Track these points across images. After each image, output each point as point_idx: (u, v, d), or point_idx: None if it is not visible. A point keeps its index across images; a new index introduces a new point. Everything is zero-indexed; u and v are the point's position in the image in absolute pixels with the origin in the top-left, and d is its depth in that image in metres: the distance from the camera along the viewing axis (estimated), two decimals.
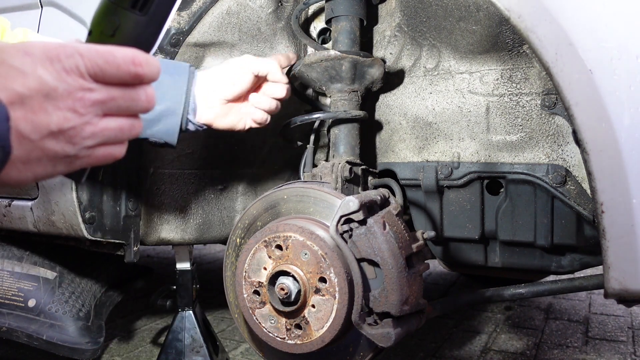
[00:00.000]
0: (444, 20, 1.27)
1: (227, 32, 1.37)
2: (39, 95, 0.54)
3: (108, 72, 0.58)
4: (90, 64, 0.57)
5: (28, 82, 0.53)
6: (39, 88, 0.54)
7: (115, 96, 0.60)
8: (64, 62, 0.55)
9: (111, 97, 0.59)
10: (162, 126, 1.12)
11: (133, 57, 0.60)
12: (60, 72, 0.55)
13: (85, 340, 1.64)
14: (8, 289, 1.66)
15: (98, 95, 0.58)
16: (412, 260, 1.06)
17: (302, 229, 1.00)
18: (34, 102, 0.54)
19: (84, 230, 1.34)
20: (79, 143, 0.58)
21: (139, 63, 0.60)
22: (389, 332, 0.98)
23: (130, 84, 0.61)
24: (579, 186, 1.20)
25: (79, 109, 0.57)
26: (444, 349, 1.97)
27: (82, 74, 0.57)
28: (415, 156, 1.40)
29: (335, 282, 0.97)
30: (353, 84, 1.29)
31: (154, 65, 0.62)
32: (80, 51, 0.57)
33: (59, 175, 0.61)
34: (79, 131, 0.57)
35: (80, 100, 0.57)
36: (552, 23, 0.97)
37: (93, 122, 0.59)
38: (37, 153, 0.55)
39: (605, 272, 0.99)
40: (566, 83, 0.97)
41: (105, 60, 0.58)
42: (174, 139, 1.14)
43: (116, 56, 0.59)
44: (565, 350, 1.94)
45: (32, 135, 0.54)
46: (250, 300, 1.06)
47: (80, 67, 0.56)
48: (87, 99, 0.57)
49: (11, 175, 0.54)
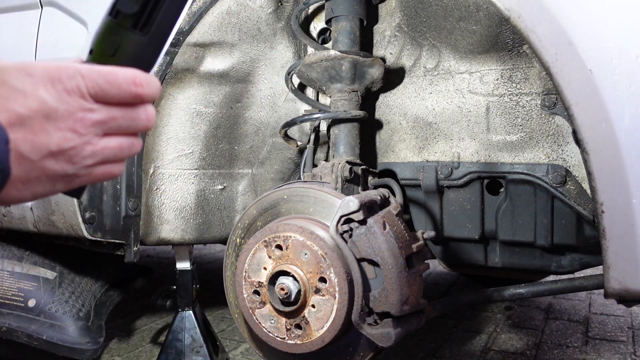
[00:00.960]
0: (444, 20, 1.27)
1: (227, 32, 1.37)
2: (39, 116, 0.54)
3: (109, 93, 0.59)
4: (91, 84, 0.58)
5: (29, 103, 0.54)
6: (39, 109, 0.54)
7: (115, 116, 0.60)
8: (65, 83, 0.56)
9: (112, 117, 0.60)
10: None
11: (134, 78, 0.61)
12: (61, 93, 0.56)
13: (85, 340, 1.64)
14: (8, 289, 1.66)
15: (99, 116, 0.59)
16: (412, 260, 1.06)
17: (302, 229, 1.00)
18: (35, 122, 0.54)
19: (84, 230, 1.34)
20: (78, 162, 0.59)
21: (140, 83, 0.61)
22: (389, 332, 0.98)
23: (130, 103, 0.62)
24: (579, 186, 1.20)
25: (79, 129, 0.57)
26: (444, 349, 1.97)
27: (83, 94, 0.57)
28: (415, 156, 1.40)
29: (335, 282, 0.97)
30: (353, 84, 1.29)
31: (154, 86, 0.63)
32: (81, 72, 0.57)
33: (57, 193, 0.61)
34: (79, 151, 0.58)
35: (80, 120, 0.57)
36: (552, 23, 0.97)
37: (93, 141, 0.59)
38: (37, 173, 0.56)
39: (605, 272, 0.99)
40: (566, 83, 0.97)
41: (106, 80, 0.59)
42: None
43: (117, 76, 0.59)
44: (565, 350, 1.93)
45: (31, 156, 0.55)
46: (250, 300, 1.06)
47: (82, 88, 0.57)
48: (87, 119, 0.58)
49: (10, 194, 0.55)
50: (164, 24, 0.65)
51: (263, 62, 1.46)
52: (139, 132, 0.65)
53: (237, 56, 1.41)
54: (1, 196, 0.55)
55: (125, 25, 0.64)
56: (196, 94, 1.41)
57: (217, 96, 1.44)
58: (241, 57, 1.42)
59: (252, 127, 1.54)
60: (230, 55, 1.41)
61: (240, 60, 1.42)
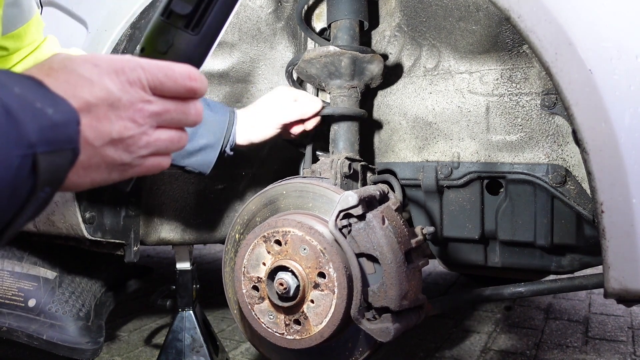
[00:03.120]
0: (443, 20, 1.27)
1: (227, 31, 1.37)
2: (104, 104, 0.57)
3: (166, 86, 0.62)
4: (151, 77, 0.61)
5: (95, 92, 0.56)
6: (105, 97, 0.57)
7: (169, 109, 0.63)
8: (128, 74, 0.59)
9: (166, 109, 0.63)
10: (199, 158, 1.23)
11: (189, 73, 0.64)
12: (124, 83, 0.58)
13: (85, 340, 1.64)
14: (8, 289, 1.66)
15: (155, 107, 0.62)
16: (411, 255, 1.06)
17: (301, 224, 1.00)
18: (100, 110, 0.57)
19: (84, 230, 1.34)
20: (134, 152, 0.61)
21: (195, 78, 0.64)
22: (388, 327, 0.98)
23: (183, 97, 0.65)
24: (578, 186, 1.20)
25: (138, 119, 0.60)
26: (444, 349, 1.97)
27: (143, 86, 0.60)
28: (415, 156, 1.40)
29: (334, 277, 0.97)
30: (352, 80, 1.29)
31: (205, 82, 0.66)
32: (142, 65, 0.60)
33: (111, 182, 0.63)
34: (136, 140, 0.61)
35: (140, 111, 0.60)
36: (552, 23, 0.97)
37: (149, 132, 0.62)
38: (97, 159, 0.58)
39: (605, 272, 0.99)
40: (566, 83, 0.97)
41: (165, 74, 0.62)
42: (208, 169, 1.26)
43: (175, 71, 0.63)
44: (565, 350, 1.93)
45: (95, 142, 0.57)
46: (249, 295, 1.06)
47: (143, 80, 0.60)
48: (146, 110, 0.61)
49: (71, 179, 0.57)
50: (214, 24, 0.68)
51: (263, 62, 1.46)
52: (187, 126, 0.67)
53: (237, 56, 1.41)
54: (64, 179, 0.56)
55: (178, 25, 0.67)
56: None
57: (217, 96, 1.45)
58: (241, 57, 1.42)
59: None
60: (230, 55, 1.41)
61: (240, 60, 1.42)
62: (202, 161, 1.24)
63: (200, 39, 0.68)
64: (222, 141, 1.24)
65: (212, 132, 1.23)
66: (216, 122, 1.24)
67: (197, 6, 0.67)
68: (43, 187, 0.51)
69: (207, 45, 0.69)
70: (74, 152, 0.54)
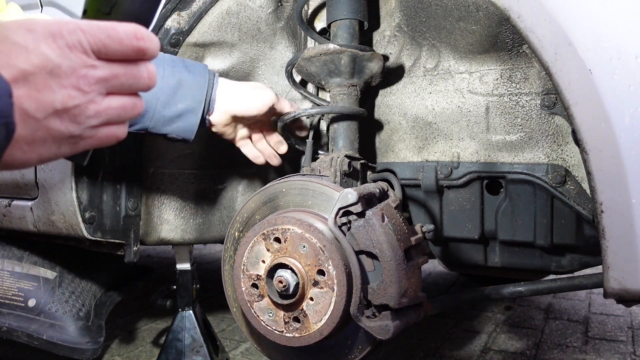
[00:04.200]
0: (443, 20, 1.27)
1: (227, 32, 1.37)
2: (43, 73, 0.52)
3: (111, 48, 0.57)
4: (93, 39, 0.56)
5: (32, 59, 0.52)
6: (43, 65, 0.52)
7: (118, 73, 0.58)
8: (67, 38, 0.54)
9: (114, 74, 0.58)
10: (181, 123, 1.18)
11: (135, 31, 0.59)
12: (63, 48, 0.54)
13: (85, 340, 1.64)
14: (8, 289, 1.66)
15: (101, 73, 0.57)
16: (410, 253, 1.06)
17: (301, 222, 1.00)
18: (38, 79, 0.52)
19: (84, 230, 1.34)
20: (83, 122, 0.57)
21: (142, 37, 0.59)
22: (388, 325, 0.98)
23: (132, 59, 0.60)
24: (578, 186, 1.20)
25: (83, 87, 0.55)
26: (444, 348, 1.97)
27: (85, 50, 0.55)
28: (414, 156, 1.40)
29: (334, 275, 0.97)
30: (352, 79, 1.29)
31: (155, 41, 0.61)
32: (82, 27, 0.55)
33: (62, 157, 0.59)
34: (83, 110, 0.56)
35: (84, 77, 0.55)
36: (552, 23, 0.97)
37: (97, 100, 0.57)
38: (42, 133, 0.54)
39: (605, 272, 0.99)
40: (566, 83, 0.97)
41: (107, 35, 0.57)
42: (192, 135, 1.20)
43: (118, 31, 0.57)
44: (565, 350, 1.94)
45: (36, 114, 0.53)
46: (248, 293, 1.06)
47: (84, 43, 0.55)
48: (90, 76, 0.56)
49: (15, 156, 0.53)
50: None
51: (263, 62, 1.46)
52: (140, 91, 0.62)
53: (237, 56, 1.42)
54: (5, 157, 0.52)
55: None
56: None
57: None
58: (241, 57, 1.42)
59: None
60: (230, 55, 1.41)
61: (240, 60, 1.42)
62: (184, 127, 1.18)
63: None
64: (204, 104, 1.18)
65: (191, 95, 1.16)
66: (195, 84, 1.17)
67: None
68: None
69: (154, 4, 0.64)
70: (8, 126, 0.50)
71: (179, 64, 1.18)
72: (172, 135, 1.19)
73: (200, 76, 1.19)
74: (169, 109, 1.15)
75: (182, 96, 1.16)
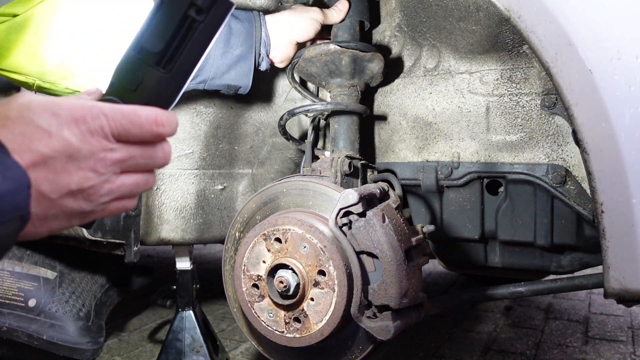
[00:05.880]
0: (443, 21, 1.27)
1: None
2: (62, 157, 0.55)
3: (132, 132, 0.60)
4: (115, 124, 0.58)
5: (53, 144, 0.54)
6: (63, 149, 0.55)
7: (134, 155, 0.61)
8: (89, 123, 0.57)
9: (131, 155, 0.61)
10: (239, 69, 1.22)
11: (156, 117, 0.62)
12: (85, 133, 0.56)
13: (85, 340, 1.64)
14: (8, 289, 1.66)
15: (119, 155, 0.60)
16: (411, 253, 1.06)
17: (301, 222, 1.00)
18: (57, 163, 0.55)
19: (84, 230, 1.34)
20: (96, 200, 0.59)
21: (162, 123, 0.62)
22: (388, 325, 0.98)
23: (150, 142, 0.63)
24: (578, 186, 1.20)
25: (99, 169, 0.58)
26: (444, 348, 1.97)
27: (106, 134, 0.58)
28: (415, 156, 1.40)
29: (334, 275, 0.97)
30: (353, 79, 1.29)
31: (174, 123, 0.64)
32: (105, 112, 0.58)
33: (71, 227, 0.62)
34: (97, 189, 0.59)
35: (102, 160, 0.58)
36: (552, 23, 0.97)
37: (111, 180, 0.60)
38: (55, 211, 0.56)
39: (605, 272, 0.99)
40: (566, 83, 0.97)
41: (129, 120, 0.59)
42: (249, 82, 1.25)
43: (140, 116, 0.60)
44: (565, 350, 1.94)
45: (51, 195, 0.55)
46: (249, 293, 1.06)
47: (105, 129, 0.58)
48: (108, 158, 0.58)
49: (27, 231, 0.55)
50: (186, 62, 0.66)
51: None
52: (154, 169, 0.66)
53: None
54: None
55: (149, 62, 0.65)
56: (196, 94, 1.41)
57: (217, 96, 1.45)
58: None
59: (252, 127, 1.54)
60: None
61: None
62: (240, 73, 1.22)
63: (171, 77, 0.65)
64: (253, 48, 1.22)
65: (242, 41, 1.20)
66: (244, 30, 1.20)
67: (169, 44, 0.64)
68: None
69: (179, 84, 0.66)
70: (23, 218, 0.52)
71: None
72: (232, 83, 1.23)
73: (247, 21, 1.22)
74: (226, 56, 1.20)
75: (235, 43, 1.20)
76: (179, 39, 0.64)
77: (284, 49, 1.27)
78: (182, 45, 0.65)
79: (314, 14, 1.27)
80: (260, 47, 1.23)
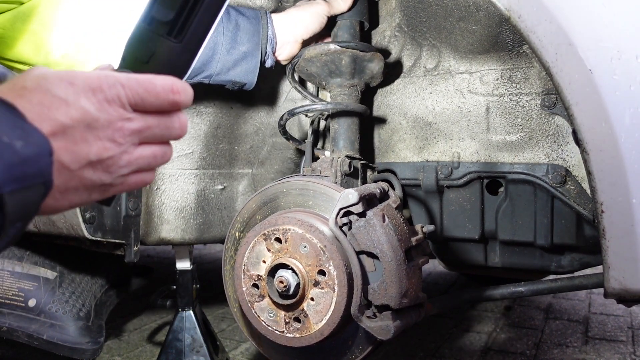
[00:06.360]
0: (444, 20, 1.27)
1: None
2: (81, 126, 0.54)
3: (148, 101, 0.59)
4: (131, 93, 0.58)
5: (71, 112, 0.54)
6: (81, 118, 0.54)
7: (151, 125, 0.61)
8: (106, 92, 0.56)
9: (148, 125, 0.60)
10: (244, 65, 1.23)
11: (172, 85, 0.61)
12: (102, 102, 0.56)
13: (85, 340, 1.64)
14: (8, 289, 1.66)
15: (136, 125, 0.59)
16: (411, 253, 1.06)
17: (302, 222, 1.00)
18: (76, 132, 0.54)
19: (84, 230, 1.34)
20: (115, 172, 0.59)
21: (177, 91, 0.61)
22: (388, 325, 0.98)
23: (166, 111, 0.62)
24: (578, 186, 1.20)
25: (117, 139, 0.58)
26: (444, 348, 1.97)
27: (123, 103, 0.58)
28: (415, 156, 1.40)
29: (335, 275, 0.97)
30: (353, 79, 1.29)
31: (189, 93, 0.64)
32: (121, 81, 0.58)
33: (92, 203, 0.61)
34: (116, 160, 0.58)
35: (119, 130, 0.58)
36: (552, 23, 0.97)
37: (129, 150, 0.60)
38: (75, 182, 0.56)
39: (605, 272, 0.99)
40: (566, 83, 0.97)
41: (145, 89, 0.59)
42: (254, 78, 1.25)
43: (156, 85, 0.60)
44: (565, 350, 1.94)
45: (72, 166, 0.54)
46: (249, 293, 1.06)
47: (122, 97, 0.57)
48: (126, 128, 0.58)
49: (48, 204, 0.55)
50: (198, 31, 0.65)
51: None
52: (171, 140, 0.65)
53: None
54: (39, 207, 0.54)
55: (160, 32, 0.64)
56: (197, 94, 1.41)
57: (217, 96, 1.45)
58: None
59: (252, 127, 1.54)
60: None
61: None
62: (246, 70, 1.23)
63: (183, 46, 0.64)
64: (260, 45, 1.22)
65: (248, 38, 1.21)
66: (250, 26, 1.21)
67: (179, 13, 0.63)
68: (13, 223, 0.49)
69: (192, 53, 0.66)
70: (46, 185, 0.52)
71: (231, 9, 1.22)
72: (237, 79, 1.24)
73: (254, 18, 1.23)
74: (233, 53, 1.20)
75: (242, 40, 1.20)
76: (190, 6, 0.63)
77: (290, 46, 1.27)
78: (192, 13, 0.64)
79: (319, 7, 1.27)
80: (266, 45, 1.24)
